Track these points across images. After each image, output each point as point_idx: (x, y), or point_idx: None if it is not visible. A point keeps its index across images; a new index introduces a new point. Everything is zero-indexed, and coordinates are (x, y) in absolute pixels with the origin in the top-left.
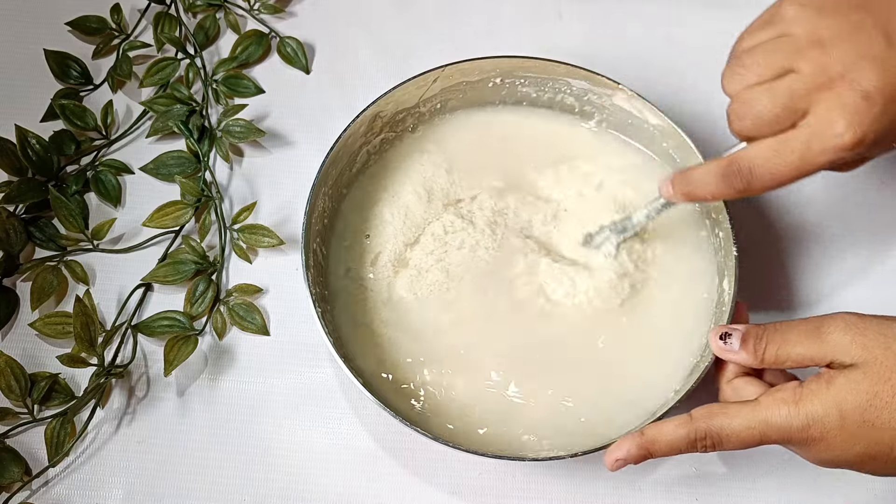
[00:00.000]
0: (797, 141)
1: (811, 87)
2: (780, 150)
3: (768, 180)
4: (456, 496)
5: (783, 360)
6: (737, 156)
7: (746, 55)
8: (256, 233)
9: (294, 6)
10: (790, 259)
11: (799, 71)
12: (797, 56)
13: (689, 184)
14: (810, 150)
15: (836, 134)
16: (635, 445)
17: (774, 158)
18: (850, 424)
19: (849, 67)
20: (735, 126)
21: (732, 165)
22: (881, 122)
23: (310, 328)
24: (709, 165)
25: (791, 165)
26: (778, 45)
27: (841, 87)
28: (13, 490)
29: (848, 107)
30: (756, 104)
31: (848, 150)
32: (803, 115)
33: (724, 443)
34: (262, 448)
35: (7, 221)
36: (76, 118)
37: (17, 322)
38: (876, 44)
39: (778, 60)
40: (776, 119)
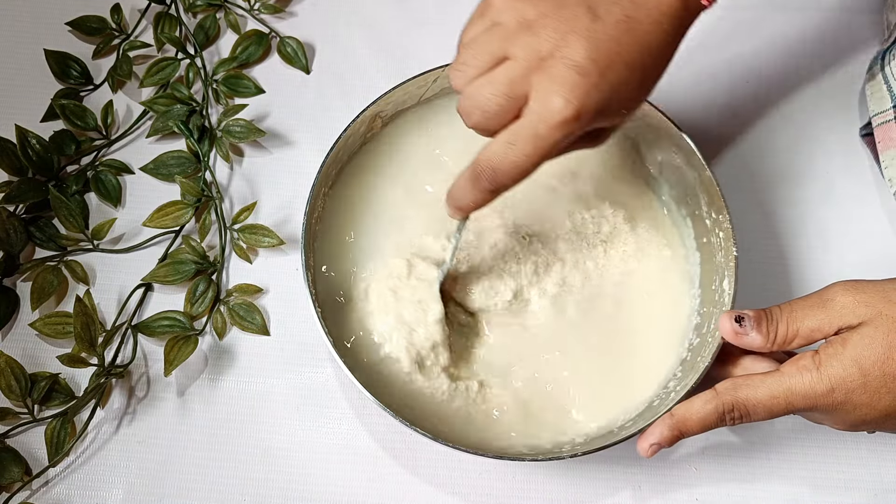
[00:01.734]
0: (525, 128)
1: (526, 70)
2: (513, 141)
3: (513, 173)
4: (456, 496)
5: (792, 338)
6: (479, 157)
7: (465, 49)
8: (256, 233)
9: (294, 6)
10: (790, 259)
11: (513, 57)
12: (509, 42)
13: (451, 198)
14: (539, 133)
15: (556, 111)
16: (667, 427)
17: (511, 151)
18: (871, 381)
19: (558, 45)
20: (467, 122)
21: (476, 169)
22: (600, 91)
23: (310, 328)
24: (462, 175)
25: (528, 153)
26: (491, 35)
27: (553, 65)
28: (13, 490)
29: (563, 82)
30: (479, 97)
31: (572, 124)
32: (525, 100)
33: (751, 413)
34: (262, 448)
35: (7, 221)
36: (76, 118)
37: (18, 322)
38: (581, 18)
39: (493, 50)
40: (501, 109)
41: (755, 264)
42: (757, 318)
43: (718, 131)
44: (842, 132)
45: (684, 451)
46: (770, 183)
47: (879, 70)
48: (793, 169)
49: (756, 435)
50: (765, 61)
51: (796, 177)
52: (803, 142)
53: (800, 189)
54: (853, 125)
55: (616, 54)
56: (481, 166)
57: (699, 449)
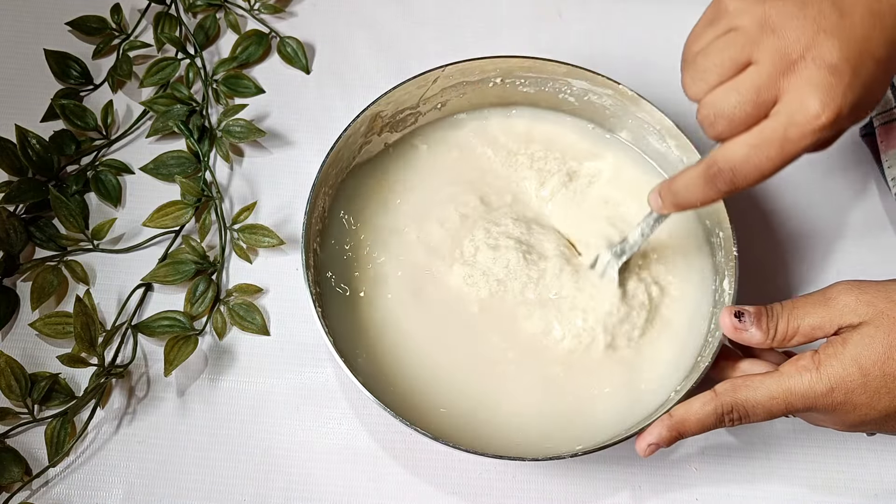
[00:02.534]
0: (774, 131)
1: (775, 74)
2: (758, 144)
3: (753, 176)
4: (456, 496)
5: (792, 335)
6: (716, 157)
7: (701, 57)
8: (256, 233)
9: (294, 6)
10: (790, 259)
11: (758, 62)
12: (752, 47)
13: (675, 193)
14: (788, 137)
15: (812, 116)
16: (666, 428)
17: (754, 153)
18: (871, 381)
19: (807, 46)
20: (710, 132)
21: (713, 168)
22: (854, 93)
23: (310, 328)
24: (691, 172)
25: (772, 157)
26: (730, 41)
27: (805, 67)
28: (13, 490)
29: (818, 85)
30: (724, 106)
31: (828, 129)
32: (774, 103)
33: (750, 415)
34: (262, 448)
35: (7, 221)
36: (76, 118)
37: (17, 322)
38: (828, 15)
39: (734, 56)
40: (748, 116)
41: (755, 264)
42: (757, 313)
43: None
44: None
45: (684, 450)
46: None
47: None
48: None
49: (756, 435)
50: None
51: (796, 177)
52: None
53: (800, 189)
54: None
55: (866, 51)
56: (720, 167)
57: (699, 449)
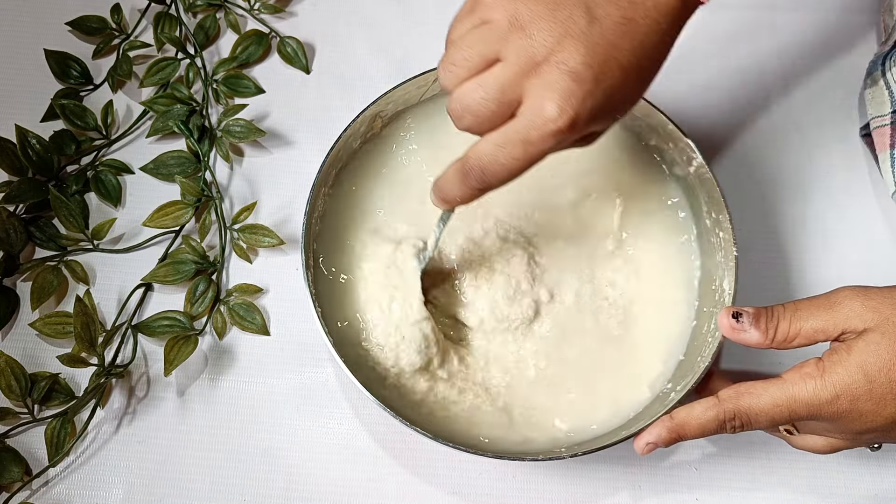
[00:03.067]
0: (517, 132)
1: (520, 74)
2: (503, 144)
3: (502, 175)
4: (456, 496)
5: (794, 337)
6: (468, 154)
7: (454, 48)
8: (256, 233)
9: (294, 6)
10: (790, 259)
11: (505, 59)
12: (501, 43)
13: (439, 189)
14: (529, 138)
15: (549, 119)
16: (665, 430)
17: (500, 153)
18: (877, 387)
19: (553, 49)
20: (458, 125)
21: (465, 165)
22: (595, 99)
23: (310, 328)
24: (450, 169)
25: (517, 157)
26: (482, 34)
27: (548, 70)
28: (13, 490)
29: (557, 89)
30: (469, 101)
31: (565, 133)
32: (518, 103)
33: (752, 422)
34: (262, 448)
35: (7, 221)
36: (76, 118)
37: (17, 322)
38: (577, 20)
39: (483, 51)
40: (493, 114)
41: (755, 264)
42: (756, 314)
43: (718, 131)
44: (842, 132)
45: (684, 451)
46: (770, 183)
47: (881, 75)
48: (792, 169)
49: (756, 436)
50: (764, 61)
51: (796, 177)
52: (803, 142)
53: (799, 189)
54: (853, 125)
55: (613, 58)
56: (470, 164)
57: (700, 449)
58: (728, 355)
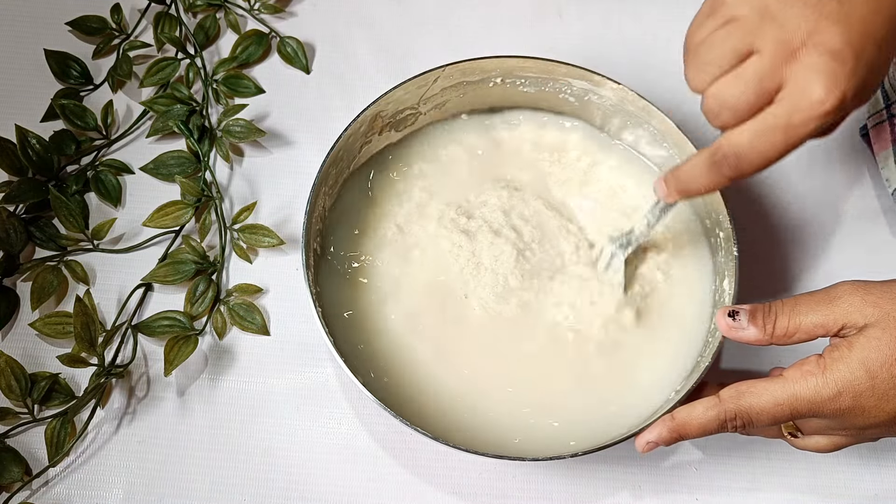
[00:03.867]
0: (778, 118)
1: (777, 62)
2: (762, 131)
3: (757, 162)
4: (456, 496)
5: (793, 333)
6: (721, 143)
7: (703, 48)
8: (256, 233)
9: (294, 6)
10: (790, 259)
11: (760, 50)
12: (753, 36)
13: (680, 180)
14: (793, 123)
15: (816, 101)
16: (667, 429)
17: (758, 139)
18: (880, 383)
19: (809, 32)
20: (715, 123)
21: (717, 154)
22: (857, 77)
23: (310, 328)
24: (696, 158)
25: (776, 143)
26: (731, 31)
27: (807, 53)
28: (13, 490)
29: (821, 71)
30: (728, 96)
31: (832, 114)
32: (777, 91)
33: (754, 421)
34: (262, 448)
35: (7, 221)
36: (76, 118)
37: (17, 322)
38: (827, 2)
39: (736, 46)
40: (752, 105)
41: (755, 264)
42: (752, 311)
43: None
44: (842, 132)
45: (685, 451)
46: (770, 182)
47: None
48: (793, 168)
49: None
50: None
51: (796, 176)
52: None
53: (800, 188)
54: (853, 124)
55: (868, 35)
56: (724, 152)
57: (700, 449)
58: (728, 355)
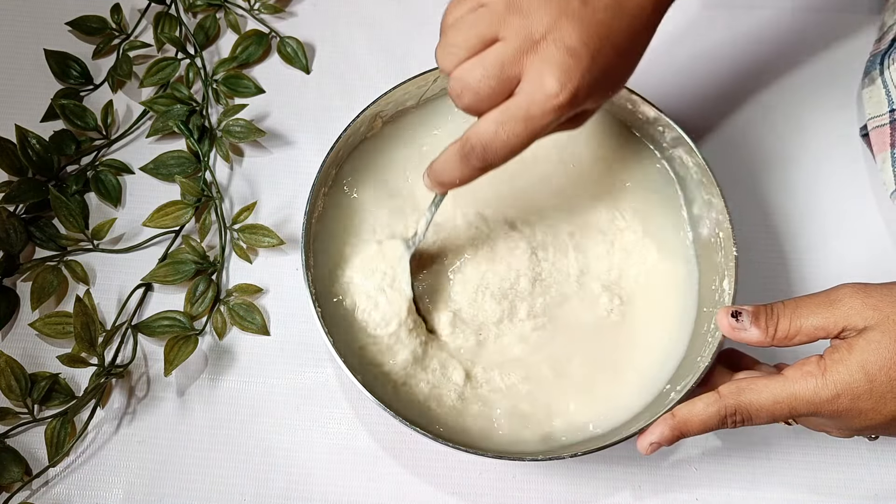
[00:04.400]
0: (517, 108)
1: (519, 52)
2: (504, 121)
3: (503, 152)
4: (456, 496)
5: (794, 334)
6: (468, 134)
7: (452, 30)
8: (256, 233)
9: (294, 6)
10: (790, 259)
11: (504, 39)
12: (500, 24)
13: (436, 172)
14: (531, 115)
15: (551, 94)
16: (668, 427)
17: (501, 130)
18: (878, 386)
19: (550, 28)
20: (459, 104)
21: (466, 145)
22: (591, 75)
23: (310, 328)
24: (448, 151)
25: (518, 134)
26: (479, 16)
27: (546, 47)
28: (13, 490)
29: (557, 65)
30: (470, 79)
31: (565, 107)
32: (517, 81)
33: (753, 418)
34: (262, 448)
35: (7, 221)
36: (76, 118)
37: (17, 322)
38: (571, 2)
39: (482, 32)
40: (493, 91)
41: (755, 264)
42: (755, 312)
43: (718, 131)
44: (841, 132)
45: (685, 450)
46: (770, 183)
47: (878, 74)
48: (793, 169)
49: (757, 435)
50: (764, 61)
51: (796, 177)
52: (803, 141)
53: (800, 189)
54: (853, 125)
55: (606, 37)
56: (471, 143)
57: (700, 449)
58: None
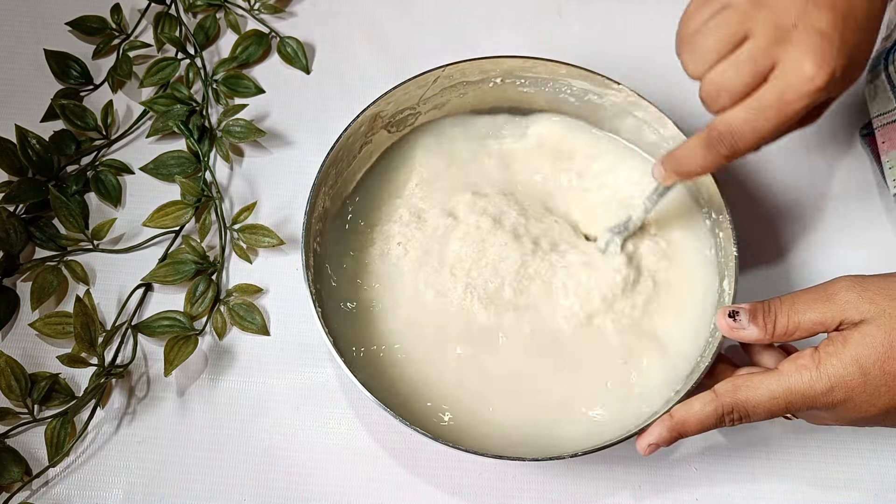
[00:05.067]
0: (771, 94)
1: (770, 44)
2: (756, 107)
3: (753, 139)
4: (456, 496)
5: (793, 330)
6: (715, 123)
7: (699, 37)
8: (256, 233)
9: (294, 6)
10: (790, 259)
11: (753, 35)
12: (746, 21)
13: (677, 161)
14: (784, 99)
15: (808, 77)
16: (666, 428)
17: (752, 116)
18: (872, 379)
19: (799, 15)
20: (713, 107)
21: (713, 133)
22: (843, 56)
23: (310, 328)
24: (692, 140)
25: (770, 118)
26: (724, 18)
27: (798, 34)
28: (13, 490)
29: (811, 50)
30: (724, 80)
31: (822, 90)
32: (771, 71)
33: (750, 415)
34: (262, 448)
35: (7, 221)
36: (76, 118)
37: (17, 322)
38: None
39: (731, 32)
40: (747, 86)
41: (755, 264)
42: (752, 310)
43: None
44: (842, 132)
45: (685, 450)
46: (770, 183)
47: (883, 70)
48: (793, 169)
49: (756, 435)
50: None
51: (796, 177)
52: (803, 141)
53: (800, 189)
54: (853, 125)
55: (852, 19)
56: (720, 131)
57: (700, 448)
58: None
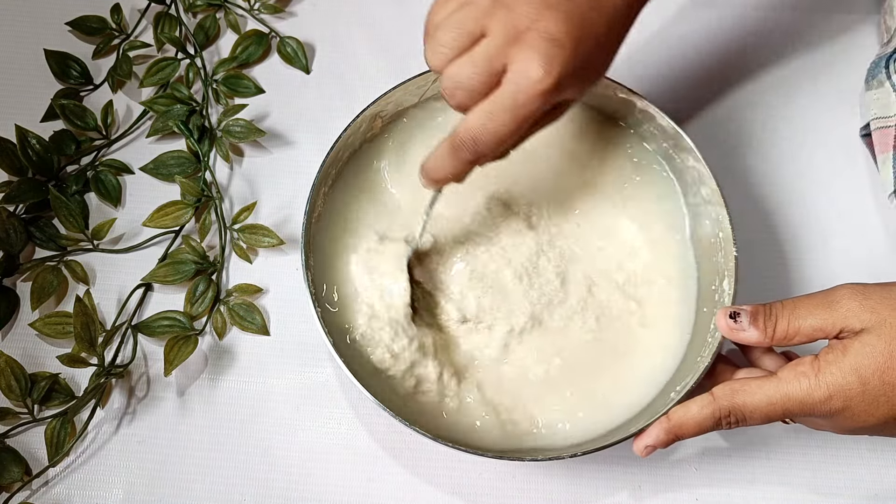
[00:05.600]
0: (505, 98)
1: (505, 44)
2: (492, 111)
3: (493, 143)
4: (456, 496)
5: (793, 335)
6: (458, 129)
7: (439, 30)
8: (256, 233)
9: (294, 6)
10: (790, 259)
11: (490, 33)
12: (486, 20)
13: (428, 169)
14: (517, 102)
15: (535, 80)
16: (663, 431)
17: (490, 121)
18: (871, 389)
19: (534, 19)
20: (451, 103)
21: (456, 140)
22: (574, 63)
23: (310, 328)
24: (440, 147)
25: (506, 122)
26: (466, 14)
27: (530, 37)
28: (13, 490)
29: (541, 53)
30: (461, 76)
31: (550, 94)
32: (504, 71)
33: (747, 419)
34: (262, 448)
35: (7, 221)
36: (76, 118)
37: (17, 322)
38: None
39: (470, 29)
40: (483, 85)
41: (755, 264)
42: (753, 312)
43: (717, 131)
44: (842, 132)
45: (684, 451)
46: (770, 183)
47: (886, 78)
48: (793, 169)
49: (756, 435)
50: (765, 62)
51: (796, 177)
52: (803, 142)
53: (799, 189)
54: (853, 125)
55: (587, 27)
56: (461, 137)
57: (699, 449)
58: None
